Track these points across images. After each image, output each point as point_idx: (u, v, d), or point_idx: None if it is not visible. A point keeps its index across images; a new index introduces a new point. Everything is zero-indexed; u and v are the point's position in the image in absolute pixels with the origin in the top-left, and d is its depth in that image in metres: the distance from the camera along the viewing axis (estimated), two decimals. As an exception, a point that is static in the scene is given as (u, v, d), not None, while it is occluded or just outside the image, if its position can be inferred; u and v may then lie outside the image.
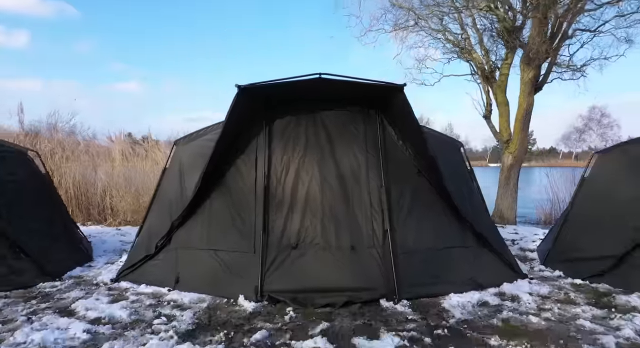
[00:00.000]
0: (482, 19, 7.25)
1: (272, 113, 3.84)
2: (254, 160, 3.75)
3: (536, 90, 7.10)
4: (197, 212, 3.81)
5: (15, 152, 4.49)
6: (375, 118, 3.82)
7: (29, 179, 4.31)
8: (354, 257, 3.39)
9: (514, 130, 7.33)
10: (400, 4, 7.47)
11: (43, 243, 3.98)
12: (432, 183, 3.76)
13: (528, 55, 6.62)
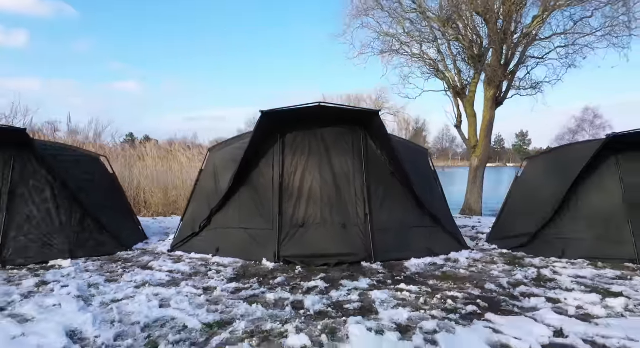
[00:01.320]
0: (454, 46, 8.56)
1: (285, 129, 5.15)
2: (271, 163, 5.06)
3: (497, 105, 8.42)
4: (230, 201, 5.11)
5: (87, 156, 5.80)
6: (360, 133, 5.13)
7: (101, 177, 5.62)
8: (344, 232, 4.71)
9: (479, 138, 8.66)
10: (386, 32, 8.78)
11: (116, 224, 5.29)
12: (400, 181, 5.07)
13: (488, 78, 7.94)
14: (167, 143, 17.63)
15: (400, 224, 4.93)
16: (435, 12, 8.27)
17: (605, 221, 4.61)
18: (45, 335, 2.53)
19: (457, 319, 2.91)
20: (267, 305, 3.18)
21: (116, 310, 3.01)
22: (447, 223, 5.35)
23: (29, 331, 2.60)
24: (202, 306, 3.15)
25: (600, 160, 4.80)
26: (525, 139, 65.36)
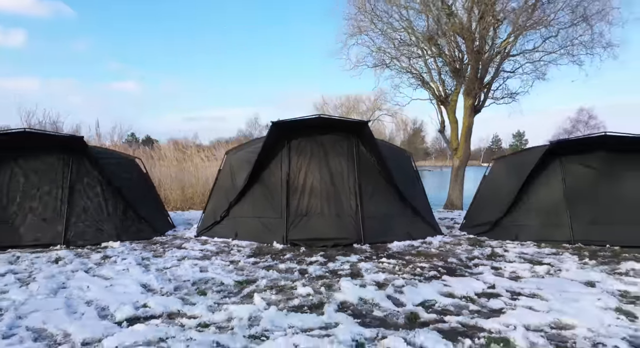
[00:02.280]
0: (438, 60, 9.54)
1: (291, 136, 6.13)
2: (280, 164, 6.04)
3: (475, 113, 9.41)
4: (245, 195, 6.09)
5: (124, 158, 6.79)
6: (353, 140, 6.11)
7: (137, 176, 6.60)
8: (339, 220, 5.69)
9: (460, 142, 9.65)
10: (378, 48, 9.77)
11: (151, 215, 6.28)
12: (386, 179, 6.05)
13: (466, 89, 8.93)
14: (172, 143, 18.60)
15: (386, 214, 5.91)
16: (422, 31, 9.25)
17: (549, 211, 5.60)
18: (126, 286, 3.52)
19: (420, 279, 3.89)
20: (280, 271, 4.17)
21: (169, 273, 4.00)
22: (426, 214, 6.34)
23: (114, 283, 3.60)
24: (232, 271, 4.14)
25: (548, 162, 5.78)
26: (522, 139, 65.60)
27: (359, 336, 2.59)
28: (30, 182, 5.48)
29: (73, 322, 2.78)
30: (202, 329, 2.70)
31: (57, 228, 5.38)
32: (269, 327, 2.73)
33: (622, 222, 5.25)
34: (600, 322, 2.78)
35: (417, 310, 3.06)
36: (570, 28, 8.81)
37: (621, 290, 3.51)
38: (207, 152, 11.49)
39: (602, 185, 5.51)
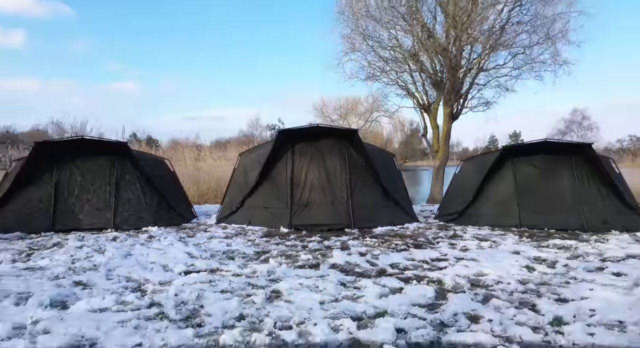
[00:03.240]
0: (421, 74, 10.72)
1: (295, 141, 7.30)
2: (285, 164, 7.22)
3: (453, 120, 10.60)
4: (257, 190, 7.27)
5: (156, 159, 7.97)
6: (344, 144, 7.29)
7: (167, 174, 7.77)
8: (333, 209, 6.88)
9: (440, 145, 10.83)
10: (369, 63, 10.96)
11: (179, 206, 7.46)
12: (372, 176, 7.23)
13: (445, 99, 10.11)
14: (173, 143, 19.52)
15: (371, 204, 7.10)
16: (407, 48, 10.42)
17: (502, 202, 6.79)
18: (175, 254, 4.72)
19: (393, 251, 5.08)
20: (287, 246, 5.35)
21: (203, 246, 5.19)
22: (405, 205, 7.52)
23: (166, 252, 4.79)
24: (250, 246, 5.33)
25: (503, 162, 6.97)
26: (517, 139, 65.64)
27: (343, 279, 3.78)
28: (86, 179, 6.66)
29: (147, 272, 3.98)
30: (236, 277, 3.89)
31: (107, 215, 6.58)
32: (281, 276, 3.91)
33: (557, 211, 6.45)
34: (507, 272, 3.98)
35: (386, 268, 4.25)
36: (536, 46, 10.00)
37: (536, 256, 4.71)
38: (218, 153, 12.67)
39: (544, 181, 6.70)
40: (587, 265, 4.28)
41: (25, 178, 6.36)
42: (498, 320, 2.81)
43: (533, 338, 2.55)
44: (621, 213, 6.31)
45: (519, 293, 3.41)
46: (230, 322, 2.82)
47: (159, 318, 2.90)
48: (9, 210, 6.26)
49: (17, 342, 2.49)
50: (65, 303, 3.16)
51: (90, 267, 4.18)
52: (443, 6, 9.38)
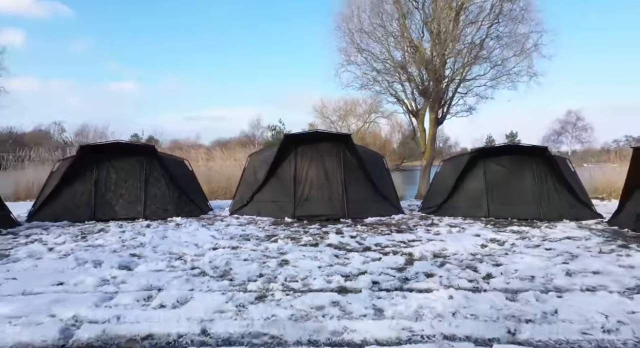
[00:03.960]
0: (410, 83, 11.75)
1: (298, 143, 8.33)
2: (289, 164, 8.24)
3: (438, 124, 11.62)
4: (265, 186, 8.29)
5: (177, 159, 8.99)
6: (341, 146, 8.32)
7: (187, 172, 8.79)
8: (330, 202, 7.90)
9: (427, 146, 11.85)
10: (364, 73, 11.98)
11: (197, 200, 8.48)
12: (364, 174, 8.25)
13: (430, 106, 11.13)
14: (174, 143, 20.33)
15: (363, 199, 8.12)
16: (397, 61, 11.44)
17: (474, 196, 7.82)
18: (201, 236, 5.74)
19: (378, 235, 6.11)
20: (291, 231, 6.38)
21: (223, 231, 6.22)
22: (392, 199, 8.54)
23: (195, 235, 5.82)
24: (261, 231, 6.36)
25: (475, 161, 7.99)
26: (514, 139, 65.38)
27: (336, 253, 4.81)
28: (120, 176, 7.69)
29: (184, 248, 5.01)
30: (253, 251, 4.92)
31: (138, 208, 7.60)
32: (288, 251, 4.93)
33: (520, 203, 7.48)
34: (464, 248, 5.01)
35: (371, 246, 5.28)
36: (512, 58, 11.03)
37: (492, 237, 5.74)
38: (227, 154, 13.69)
39: (509, 178, 7.73)
40: (528, 243, 5.32)
41: (71, 176, 7.38)
42: (446, 276, 3.84)
43: (467, 285, 3.58)
44: (572, 206, 7.34)
45: (468, 261, 4.44)
46: (253, 277, 3.85)
47: (201, 275, 3.93)
48: (58, 203, 7.28)
49: (107, 287, 3.52)
50: (129, 267, 4.19)
51: (138, 245, 5.22)
52: (428, 24, 10.41)
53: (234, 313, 2.96)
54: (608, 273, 3.91)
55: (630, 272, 3.94)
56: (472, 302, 3.15)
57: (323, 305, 3.12)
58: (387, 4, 10.54)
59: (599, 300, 3.17)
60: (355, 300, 3.22)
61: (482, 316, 2.89)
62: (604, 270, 4.02)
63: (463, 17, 10.27)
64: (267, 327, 2.74)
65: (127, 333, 2.64)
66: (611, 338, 2.56)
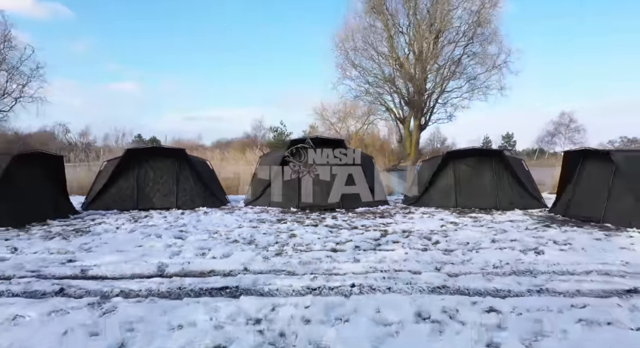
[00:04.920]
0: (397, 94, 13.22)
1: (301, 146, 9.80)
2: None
3: (422, 130, 13.10)
4: (274, 182, 9.78)
5: (200, 160, 10.47)
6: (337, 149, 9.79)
7: (209, 171, 10.28)
8: (328, 195, 9.38)
9: (412, 149, 13.32)
10: (358, 86, 13.46)
11: (218, 193, 9.97)
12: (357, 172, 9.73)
13: (414, 114, 12.60)
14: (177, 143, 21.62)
15: (356, 193, 9.60)
16: (386, 75, 12.91)
17: (445, 190, 9.29)
18: (227, 220, 7.23)
19: (364, 219, 7.59)
20: (297, 217, 7.86)
21: (243, 216, 7.70)
22: (379, 194, 10.03)
23: (222, 219, 7.31)
24: (273, 217, 7.84)
25: (447, 162, 9.46)
26: (510, 140, 64.93)
27: (331, 230, 6.29)
28: (156, 174, 9.17)
29: (217, 227, 6.49)
30: (269, 229, 6.40)
31: (171, 199, 9.09)
32: (295, 229, 6.41)
33: (481, 196, 8.95)
34: (427, 227, 6.49)
35: (357, 226, 6.76)
36: (485, 73, 12.50)
37: (452, 221, 7.22)
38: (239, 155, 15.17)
39: (473, 176, 9.20)
40: (476, 224, 6.81)
41: (118, 173, 8.87)
42: (407, 243, 5.32)
43: (419, 247, 5.06)
44: (523, 198, 8.81)
45: (426, 234, 5.93)
46: (271, 243, 5.33)
47: (234, 242, 5.42)
48: (108, 196, 8.77)
49: (172, 249, 5.01)
50: (182, 238, 5.68)
51: (181, 225, 6.71)
52: (411, 45, 11.87)
53: (262, 261, 4.45)
54: (520, 240, 5.39)
55: (537, 240, 5.43)
56: (419, 255, 4.64)
57: (320, 257, 4.60)
58: (376, 27, 12.02)
59: (502, 254, 4.65)
60: (342, 255, 4.71)
61: (422, 261, 4.38)
62: (520, 238, 5.51)
63: (442, 38, 11.73)
64: (284, 266, 4.22)
65: (198, 269, 4.13)
66: (496, 270, 4.04)
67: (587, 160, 7.51)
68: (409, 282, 3.67)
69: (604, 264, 4.18)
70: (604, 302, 3.09)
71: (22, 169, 6.88)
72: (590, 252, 4.74)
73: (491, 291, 3.42)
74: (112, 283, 3.62)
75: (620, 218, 6.46)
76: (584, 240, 5.37)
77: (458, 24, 11.74)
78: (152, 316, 2.79)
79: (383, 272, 4.01)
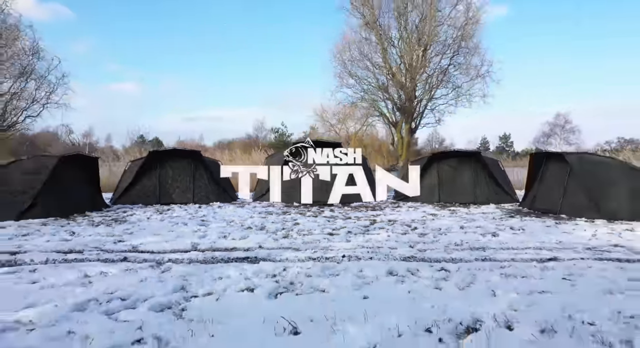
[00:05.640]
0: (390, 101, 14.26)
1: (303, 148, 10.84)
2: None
3: (412, 133, 14.13)
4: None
5: (213, 160, 11.50)
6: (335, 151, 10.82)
7: (219, 170, 11.30)
8: (326, 193, 10.41)
9: (403, 150, 14.35)
10: (355, 92, 14.50)
11: (230, 191, 11.00)
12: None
13: (405, 119, 13.64)
14: (179, 144, 22.36)
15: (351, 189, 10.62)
16: (380, 83, 13.95)
17: (430, 188, 10.31)
18: (240, 212, 8.26)
19: (357, 212, 8.62)
20: (299, 210, 8.89)
21: (253, 209, 8.74)
22: (372, 190, 11.05)
23: (236, 211, 8.34)
24: (279, 210, 8.87)
25: (432, 162, 10.48)
26: (507, 141, 64.75)
27: (328, 220, 7.32)
28: (175, 173, 10.21)
29: (232, 217, 7.52)
30: (276, 219, 7.43)
31: (188, 195, 10.12)
32: (298, 219, 7.44)
33: (461, 193, 9.98)
34: (410, 218, 7.52)
35: (350, 216, 7.78)
36: (469, 82, 13.54)
37: (432, 212, 8.24)
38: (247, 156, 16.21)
39: (455, 175, 10.22)
40: (452, 215, 7.84)
41: (142, 172, 9.90)
42: (391, 229, 6.35)
43: (400, 232, 6.09)
44: (497, 194, 9.84)
45: (407, 223, 6.95)
46: (279, 229, 6.36)
47: (248, 229, 6.45)
48: (134, 192, 9.80)
49: (198, 233, 6.04)
50: (205, 225, 6.71)
51: (202, 216, 7.74)
52: (402, 56, 12.91)
53: (272, 241, 5.48)
54: (484, 227, 6.42)
55: (497, 227, 6.46)
56: (398, 237, 5.67)
57: (319, 239, 5.63)
58: (371, 41, 13.06)
59: (465, 236, 5.68)
60: (337, 237, 5.74)
61: (400, 241, 5.40)
62: (484, 226, 6.54)
63: (430, 50, 12.77)
64: (290, 245, 5.25)
65: (223, 246, 5.16)
66: (456, 247, 5.07)
67: (550, 161, 8.54)
68: (387, 254, 4.70)
69: (542, 243, 5.21)
70: (526, 265, 4.12)
71: (65, 168, 7.90)
72: (536, 235, 5.78)
73: (447, 259, 4.44)
74: (160, 256, 4.65)
75: (573, 211, 7.49)
76: (535, 227, 6.40)
77: (444, 38, 12.76)
78: (198, 272, 3.82)
79: (368, 248, 5.04)
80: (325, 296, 3.21)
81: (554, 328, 2.51)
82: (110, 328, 2.53)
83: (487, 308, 2.86)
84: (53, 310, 2.81)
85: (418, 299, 3.10)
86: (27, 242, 5.22)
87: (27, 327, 2.57)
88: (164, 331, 2.51)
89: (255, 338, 2.43)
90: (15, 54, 13.10)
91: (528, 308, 2.90)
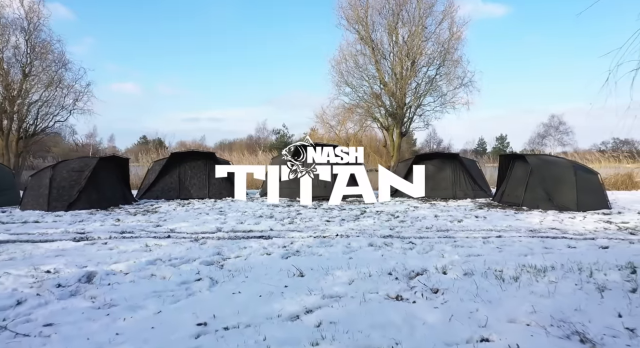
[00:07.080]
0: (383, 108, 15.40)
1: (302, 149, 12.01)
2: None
3: (403, 136, 15.29)
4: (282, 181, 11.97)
5: (223, 160, 12.66)
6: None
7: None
8: (325, 189, 11.57)
9: (394, 152, 15.50)
10: (351, 99, 15.65)
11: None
12: (347, 171, 11.92)
13: (396, 124, 14.80)
14: (181, 144, 23.36)
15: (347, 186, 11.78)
16: (374, 91, 15.10)
17: (416, 184, 11.48)
18: (252, 205, 9.43)
19: (353, 204, 9.78)
20: (300, 204, 10.05)
21: (262, 203, 9.91)
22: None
23: (248, 205, 9.52)
24: (284, 204, 10.03)
25: (417, 162, 11.63)
26: (504, 141, 63.71)
27: (326, 211, 8.49)
28: (193, 171, 11.38)
29: (245, 209, 8.69)
30: (282, 210, 8.59)
31: (204, 191, 11.29)
32: (302, 211, 8.61)
33: (442, 188, 11.14)
34: (395, 209, 8.68)
35: (346, 208, 8.95)
36: (454, 90, 14.70)
37: (414, 205, 9.40)
38: (253, 157, 17.37)
39: (437, 173, 11.38)
40: (430, 206, 9.00)
41: (165, 171, 11.07)
42: (377, 217, 7.52)
43: (385, 219, 7.25)
44: (474, 190, 11.00)
45: (392, 212, 8.12)
46: (285, 217, 7.53)
47: (260, 217, 7.61)
48: (157, 189, 10.97)
49: (220, 220, 7.20)
50: (223, 215, 7.87)
51: (219, 207, 8.91)
52: (393, 68, 14.05)
53: (281, 226, 6.64)
54: (454, 215, 7.59)
55: (465, 215, 7.62)
56: (382, 223, 6.83)
57: (318, 224, 6.80)
58: (365, 54, 14.22)
59: (437, 222, 6.85)
60: (332, 223, 6.91)
61: (383, 226, 6.57)
62: (454, 214, 7.70)
63: (417, 63, 13.92)
64: (295, 228, 6.42)
65: (242, 229, 6.33)
66: (427, 230, 6.23)
67: (516, 161, 9.70)
68: (371, 234, 5.86)
69: (494, 226, 6.38)
70: (474, 240, 5.28)
71: (103, 167, 9.07)
72: (493, 221, 6.94)
73: (416, 237, 5.61)
74: (194, 235, 5.82)
75: (533, 203, 8.65)
76: (496, 216, 7.57)
77: (430, 51, 13.92)
78: (227, 244, 4.99)
79: (357, 230, 6.20)
80: (321, 257, 4.38)
81: (473, 272, 3.67)
82: (178, 273, 3.70)
83: (434, 263, 4.03)
84: (134, 264, 3.97)
85: (387, 259, 4.26)
86: (86, 226, 6.40)
87: (123, 272, 3.74)
88: (213, 275, 3.67)
89: (276, 278, 3.60)
90: (47, 66, 14.27)
91: (463, 263, 4.06)
